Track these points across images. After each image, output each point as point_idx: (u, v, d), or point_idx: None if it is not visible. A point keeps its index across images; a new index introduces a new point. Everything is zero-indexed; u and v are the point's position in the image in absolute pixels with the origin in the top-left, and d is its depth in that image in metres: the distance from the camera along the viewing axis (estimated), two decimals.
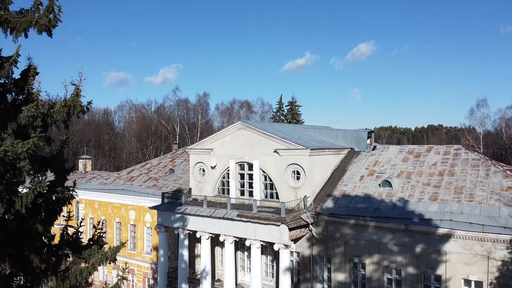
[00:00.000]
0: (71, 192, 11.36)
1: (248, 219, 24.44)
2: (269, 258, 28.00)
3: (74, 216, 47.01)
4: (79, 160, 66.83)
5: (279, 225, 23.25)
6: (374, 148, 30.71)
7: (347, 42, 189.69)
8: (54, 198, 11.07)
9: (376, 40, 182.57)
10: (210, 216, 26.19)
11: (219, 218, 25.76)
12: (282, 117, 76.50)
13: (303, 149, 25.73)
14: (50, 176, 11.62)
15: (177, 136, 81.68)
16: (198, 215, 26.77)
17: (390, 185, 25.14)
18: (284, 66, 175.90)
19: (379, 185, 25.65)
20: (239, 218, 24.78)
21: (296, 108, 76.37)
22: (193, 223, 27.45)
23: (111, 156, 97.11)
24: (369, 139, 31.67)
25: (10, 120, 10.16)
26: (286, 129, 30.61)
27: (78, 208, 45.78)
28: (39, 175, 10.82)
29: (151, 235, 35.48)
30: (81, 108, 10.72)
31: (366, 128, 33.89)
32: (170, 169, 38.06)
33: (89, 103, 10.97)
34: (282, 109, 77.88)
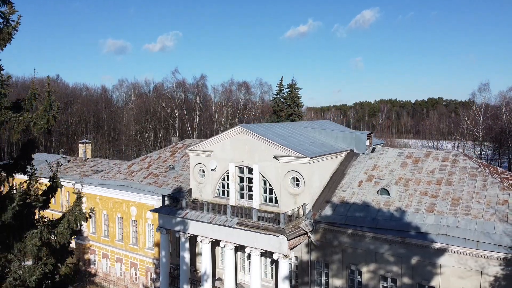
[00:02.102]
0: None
1: (248, 228, 24.89)
2: (268, 260, 28.67)
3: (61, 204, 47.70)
4: (79, 145, 67.13)
5: (278, 236, 23.71)
6: (373, 150, 30.82)
7: (350, 8, 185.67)
8: None
9: (380, 6, 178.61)
10: (210, 223, 26.62)
11: (219, 225, 26.20)
12: (282, 100, 76.27)
13: (303, 157, 25.85)
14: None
15: (176, 119, 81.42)
16: (199, 221, 27.21)
17: (388, 193, 25.44)
18: (286, 33, 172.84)
19: (377, 192, 25.95)
20: (238, 227, 25.22)
21: (296, 91, 76.06)
22: (193, 228, 27.93)
23: (111, 136, 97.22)
24: (368, 141, 31.76)
25: None
26: (286, 132, 30.59)
27: (62, 196, 46.56)
28: None
29: (152, 231, 36.12)
30: None
31: (367, 132, 33.83)
32: (170, 165, 38.28)
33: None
34: (282, 91, 77.53)
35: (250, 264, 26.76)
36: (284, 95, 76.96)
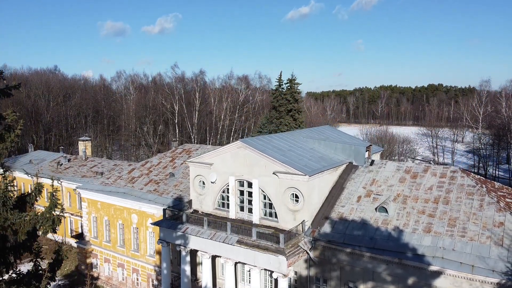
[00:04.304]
0: None
1: (248, 247, 25.29)
2: (268, 273, 29.17)
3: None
4: (79, 142, 67.28)
5: (277, 256, 24.13)
6: (372, 163, 31.03)
7: None
8: None
9: None
10: (210, 239, 27.02)
11: (220, 242, 26.60)
12: (282, 95, 76.05)
13: (302, 175, 26.08)
14: None
15: (176, 114, 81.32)
16: (199, 237, 27.61)
17: (386, 211, 25.78)
18: (287, 15, 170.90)
19: (376, 209, 26.29)
20: (238, 245, 25.62)
21: (295, 86, 75.79)
22: (194, 242, 28.35)
23: (110, 130, 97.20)
24: (367, 153, 31.94)
25: None
26: (286, 145, 30.73)
27: (63, 196, 46.95)
28: None
29: (153, 238, 36.60)
30: None
31: (366, 144, 33.97)
32: (170, 172, 38.53)
33: None
34: (281, 86, 77.31)
35: (250, 277, 27.31)
36: (284, 90, 76.78)
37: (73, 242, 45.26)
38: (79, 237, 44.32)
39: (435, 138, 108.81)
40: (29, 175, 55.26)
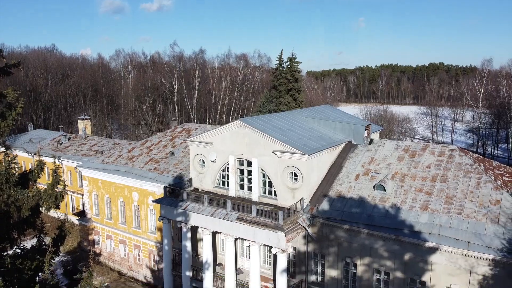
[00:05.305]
0: None
1: (247, 223, 25.70)
2: (267, 248, 29.72)
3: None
4: (78, 121, 67.35)
5: (276, 232, 24.54)
6: (371, 142, 31.16)
7: None
8: None
9: None
10: (211, 216, 27.42)
11: (220, 218, 27.01)
12: (282, 74, 75.54)
13: (301, 154, 26.25)
14: None
15: (175, 93, 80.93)
16: (200, 214, 28.01)
17: (384, 189, 26.07)
18: None
19: (374, 187, 26.57)
20: (238, 222, 26.02)
21: (296, 65, 75.28)
22: (195, 219, 28.77)
23: (109, 109, 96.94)
24: (366, 131, 32.02)
25: None
26: (285, 124, 30.78)
27: (64, 174, 47.26)
28: None
29: (154, 216, 37.09)
30: None
31: (365, 123, 34.02)
32: (170, 151, 38.70)
33: None
34: (282, 65, 76.76)
35: (249, 251, 27.84)
36: (284, 69, 76.24)
37: (75, 219, 45.85)
38: (81, 214, 44.88)
39: (434, 117, 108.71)
40: (30, 154, 55.52)
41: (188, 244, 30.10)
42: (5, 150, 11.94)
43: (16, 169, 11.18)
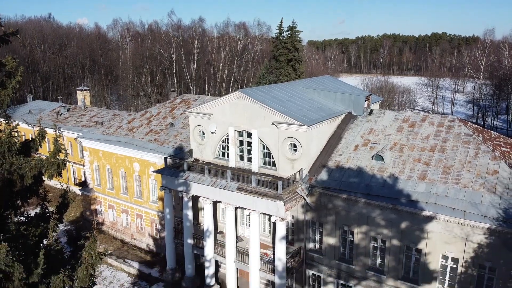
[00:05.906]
0: None
1: (247, 193, 26.07)
2: (267, 217, 30.28)
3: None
4: (77, 92, 66.96)
5: (276, 201, 24.94)
6: (371, 112, 31.14)
7: None
8: None
9: None
10: (211, 186, 27.78)
11: (220, 188, 27.37)
12: (282, 44, 74.47)
13: (301, 125, 26.29)
14: None
15: (174, 63, 79.97)
16: (200, 184, 28.36)
17: (382, 159, 26.29)
18: None
19: (372, 157, 26.78)
20: (238, 191, 26.39)
21: (296, 34, 74.06)
22: (195, 189, 29.16)
23: (108, 79, 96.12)
24: (366, 102, 31.94)
25: None
26: (285, 95, 30.65)
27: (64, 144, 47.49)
28: None
29: (156, 185, 37.54)
30: None
31: (365, 93, 33.80)
32: (170, 122, 38.71)
33: None
34: (282, 34, 75.52)
35: (249, 220, 28.40)
36: (284, 38, 75.05)
37: (77, 190, 46.40)
38: (83, 185, 45.40)
39: (435, 88, 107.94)
40: (30, 125, 55.39)
41: (189, 213, 30.64)
42: (6, 119, 11.98)
43: (18, 138, 11.26)
